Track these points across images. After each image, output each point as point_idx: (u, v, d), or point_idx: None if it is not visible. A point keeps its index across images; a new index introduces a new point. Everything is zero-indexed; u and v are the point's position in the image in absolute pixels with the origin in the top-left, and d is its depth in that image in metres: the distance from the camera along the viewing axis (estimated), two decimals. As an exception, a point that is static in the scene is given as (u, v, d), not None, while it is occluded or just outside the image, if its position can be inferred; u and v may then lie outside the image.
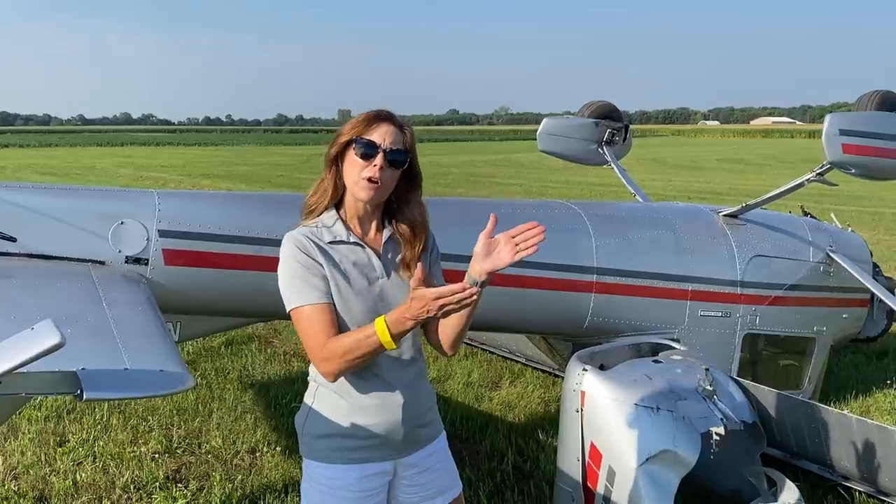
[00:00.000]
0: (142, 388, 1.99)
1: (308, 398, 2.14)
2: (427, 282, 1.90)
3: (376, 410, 2.07)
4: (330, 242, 2.04)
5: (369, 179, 1.98)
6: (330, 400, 2.08)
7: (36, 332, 1.33)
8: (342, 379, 2.02)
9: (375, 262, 2.07)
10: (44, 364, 1.38)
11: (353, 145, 2.00)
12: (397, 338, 1.90)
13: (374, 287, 2.05)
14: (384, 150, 1.98)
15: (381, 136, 1.99)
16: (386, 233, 2.11)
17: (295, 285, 2.00)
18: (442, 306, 1.79)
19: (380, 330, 1.88)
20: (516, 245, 1.83)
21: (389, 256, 2.10)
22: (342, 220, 2.07)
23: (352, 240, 2.06)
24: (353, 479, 2.07)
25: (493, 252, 1.86)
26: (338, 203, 2.09)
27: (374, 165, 1.97)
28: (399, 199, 2.10)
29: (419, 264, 1.91)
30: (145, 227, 3.19)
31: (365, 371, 2.03)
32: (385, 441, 2.09)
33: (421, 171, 2.12)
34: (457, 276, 2.16)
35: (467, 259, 1.88)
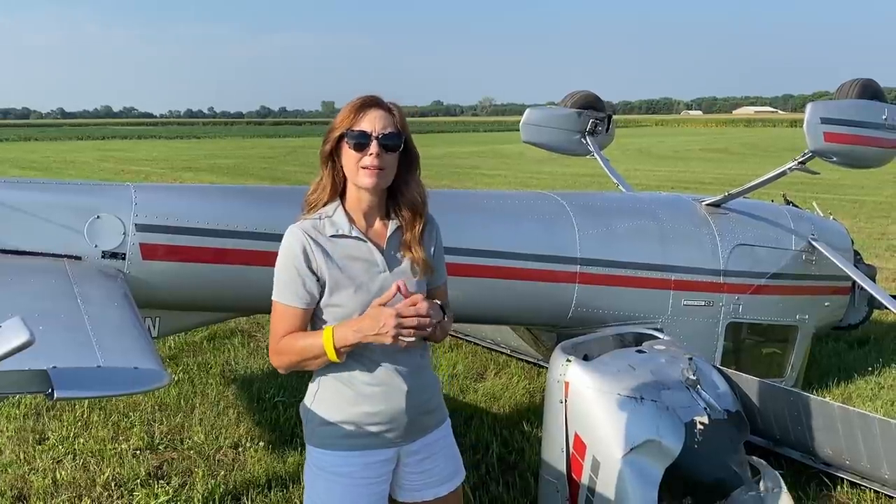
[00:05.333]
0: (115, 386, 1.95)
1: (312, 386, 2.14)
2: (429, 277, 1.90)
3: (380, 398, 2.07)
4: (332, 236, 2.04)
5: (368, 167, 1.97)
6: (334, 388, 2.08)
7: (4, 330, 1.29)
8: (346, 367, 2.03)
9: (377, 256, 2.06)
10: (13, 363, 1.35)
11: (346, 138, 1.99)
12: (341, 352, 1.92)
13: (374, 282, 2.04)
14: (377, 137, 1.97)
15: (371, 123, 1.98)
16: (392, 225, 2.09)
17: (282, 280, 2.03)
18: (399, 325, 1.83)
19: (325, 341, 1.92)
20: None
21: (393, 250, 2.09)
22: (346, 212, 2.06)
23: (354, 234, 2.05)
24: (357, 466, 2.08)
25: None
26: (342, 195, 2.08)
27: (370, 154, 1.97)
28: (398, 180, 2.08)
29: (417, 291, 1.96)
30: (122, 221, 3.13)
31: (369, 359, 2.04)
32: (389, 428, 2.10)
33: (417, 150, 2.11)
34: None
35: (451, 251, 1.86)
